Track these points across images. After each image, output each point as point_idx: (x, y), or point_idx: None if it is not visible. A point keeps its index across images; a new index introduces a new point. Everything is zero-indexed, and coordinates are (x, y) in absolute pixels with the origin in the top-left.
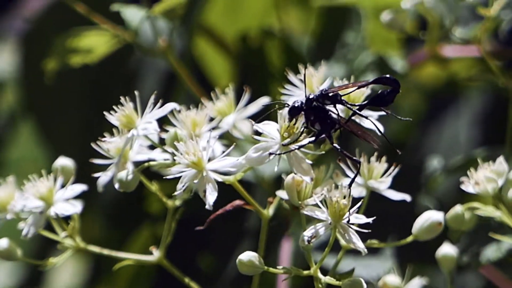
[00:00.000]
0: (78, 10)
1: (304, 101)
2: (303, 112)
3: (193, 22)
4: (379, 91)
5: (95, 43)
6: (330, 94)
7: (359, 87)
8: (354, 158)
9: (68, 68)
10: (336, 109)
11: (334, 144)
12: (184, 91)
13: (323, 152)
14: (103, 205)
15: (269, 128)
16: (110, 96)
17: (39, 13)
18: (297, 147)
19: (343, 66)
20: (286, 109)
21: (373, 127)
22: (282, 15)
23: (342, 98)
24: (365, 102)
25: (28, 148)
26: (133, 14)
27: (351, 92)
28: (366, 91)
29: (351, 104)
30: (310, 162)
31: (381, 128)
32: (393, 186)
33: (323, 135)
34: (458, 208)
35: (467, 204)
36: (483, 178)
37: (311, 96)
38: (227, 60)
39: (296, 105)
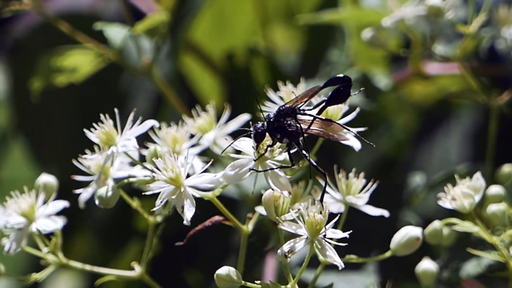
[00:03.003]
0: (61, 30)
1: (265, 124)
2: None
3: (179, 41)
4: (333, 89)
5: (80, 62)
6: (284, 109)
7: (313, 94)
8: (320, 169)
9: (55, 87)
10: (296, 120)
11: (303, 152)
12: (170, 109)
13: (300, 166)
14: (94, 222)
15: (245, 145)
16: (100, 115)
17: (27, 32)
18: (274, 163)
19: None
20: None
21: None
22: (268, 34)
23: (300, 108)
24: (323, 103)
25: (20, 168)
26: (115, 33)
27: (308, 101)
28: (344, 107)
29: (308, 109)
30: (288, 176)
31: (358, 145)
32: (377, 202)
33: (294, 147)
34: (436, 224)
35: (445, 220)
36: (460, 193)
37: (270, 118)
38: (215, 78)
39: (258, 130)
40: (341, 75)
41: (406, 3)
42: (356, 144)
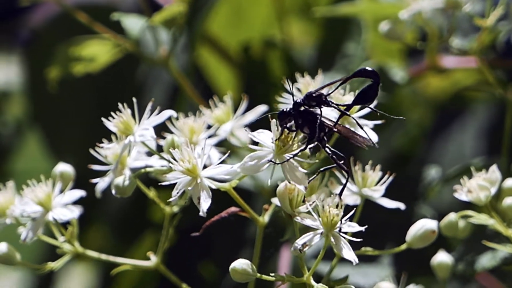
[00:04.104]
0: (79, 20)
1: (292, 106)
2: (292, 117)
3: (196, 32)
4: (361, 89)
5: (97, 52)
6: (314, 95)
7: (340, 84)
8: (343, 166)
9: (72, 78)
10: (321, 110)
11: (326, 148)
12: (186, 101)
13: (317, 161)
14: (109, 213)
15: (263, 136)
16: (116, 106)
17: (43, 23)
18: (291, 156)
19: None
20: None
21: (366, 136)
22: (284, 26)
23: (328, 99)
24: (351, 102)
25: (35, 159)
26: (133, 24)
27: (334, 91)
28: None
29: (337, 104)
30: (305, 170)
31: (375, 138)
32: (392, 195)
33: (315, 140)
34: (452, 216)
35: (461, 212)
36: (476, 186)
37: (298, 100)
38: (231, 70)
39: (284, 109)
40: (369, 68)
41: None
42: (373, 137)
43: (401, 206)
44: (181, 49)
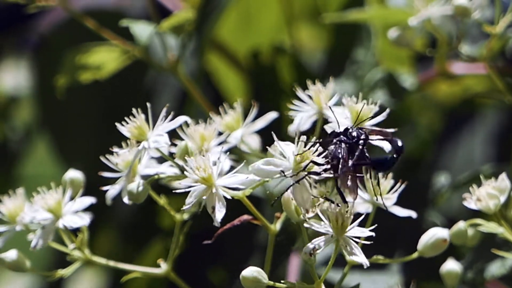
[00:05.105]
0: (87, 26)
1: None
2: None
3: (205, 38)
4: (383, 157)
5: (105, 59)
6: (362, 131)
7: (382, 136)
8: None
9: (81, 84)
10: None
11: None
12: (194, 107)
13: (328, 192)
14: (119, 219)
15: (287, 148)
16: (125, 112)
17: (53, 28)
18: (305, 175)
19: (353, 83)
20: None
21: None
22: (293, 32)
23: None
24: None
25: (44, 164)
26: (141, 30)
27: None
28: (374, 108)
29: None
30: (312, 194)
31: (387, 146)
32: (402, 201)
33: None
34: (461, 224)
35: (470, 220)
36: (485, 194)
37: (351, 130)
38: (240, 76)
39: (336, 132)
40: (400, 144)
41: (432, 3)
42: (385, 145)
43: (413, 214)
44: (190, 55)
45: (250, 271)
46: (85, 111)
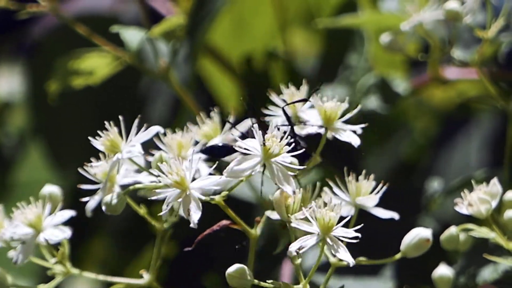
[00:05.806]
0: (78, 32)
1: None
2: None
3: (197, 44)
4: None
5: (97, 65)
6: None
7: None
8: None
9: (74, 89)
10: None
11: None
12: (187, 113)
13: (306, 167)
14: (112, 225)
15: (252, 143)
16: (119, 118)
17: (46, 34)
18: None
19: (346, 88)
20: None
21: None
22: (287, 37)
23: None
24: None
25: (38, 170)
26: (132, 36)
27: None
28: (343, 105)
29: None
30: (292, 173)
31: (357, 141)
32: (395, 206)
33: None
34: (452, 229)
35: (462, 225)
36: (476, 199)
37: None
38: (233, 82)
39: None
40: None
41: (424, 8)
42: (355, 141)
43: (395, 216)
44: (183, 61)
45: (234, 268)
46: (80, 117)
